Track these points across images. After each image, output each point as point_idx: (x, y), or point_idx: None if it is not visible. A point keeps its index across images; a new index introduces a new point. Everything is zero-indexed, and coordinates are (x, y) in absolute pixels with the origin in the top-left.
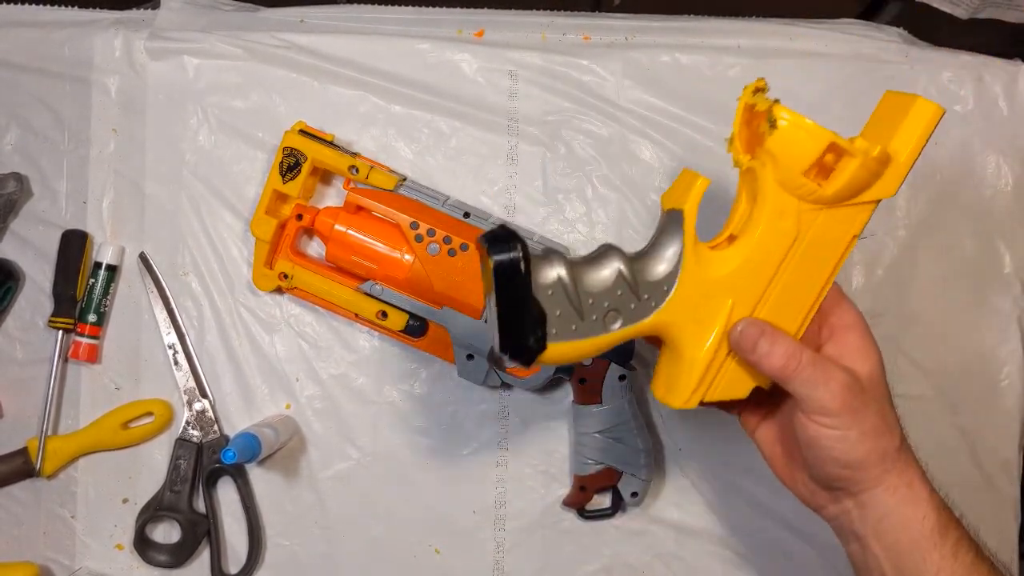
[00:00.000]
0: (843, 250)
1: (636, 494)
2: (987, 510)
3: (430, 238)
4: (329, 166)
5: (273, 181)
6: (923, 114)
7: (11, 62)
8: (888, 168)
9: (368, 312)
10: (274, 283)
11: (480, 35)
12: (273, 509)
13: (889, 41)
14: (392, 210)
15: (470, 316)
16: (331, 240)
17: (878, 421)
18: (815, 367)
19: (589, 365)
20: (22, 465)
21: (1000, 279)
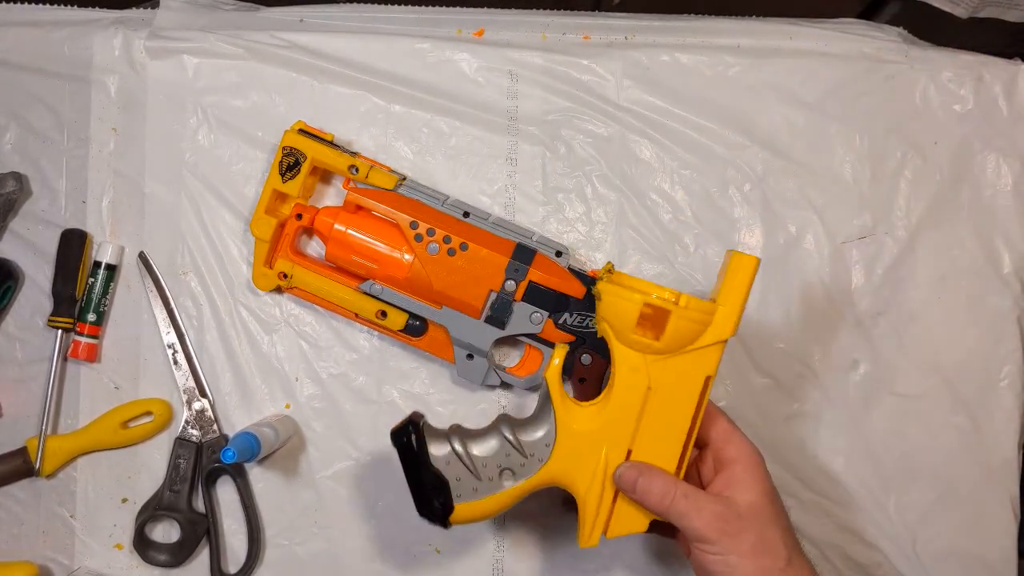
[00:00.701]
0: (700, 390)
1: None
2: (986, 510)
3: (429, 237)
4: (328, 166)
5: (272, 180)
6: (743, 265)
7: (11, 62)
8: (720, 312)
9: (368, 312)
10: (274, 283)
11: (480, 35)
12: (273, 509)
13: (889, 41)
14: (392, 209)
15: (470, 316)
16: (331, 240)
17: (757, 544)
18: (687, 500)
19: (589, 364)
20: (21, 464)
21: (1000, 279)
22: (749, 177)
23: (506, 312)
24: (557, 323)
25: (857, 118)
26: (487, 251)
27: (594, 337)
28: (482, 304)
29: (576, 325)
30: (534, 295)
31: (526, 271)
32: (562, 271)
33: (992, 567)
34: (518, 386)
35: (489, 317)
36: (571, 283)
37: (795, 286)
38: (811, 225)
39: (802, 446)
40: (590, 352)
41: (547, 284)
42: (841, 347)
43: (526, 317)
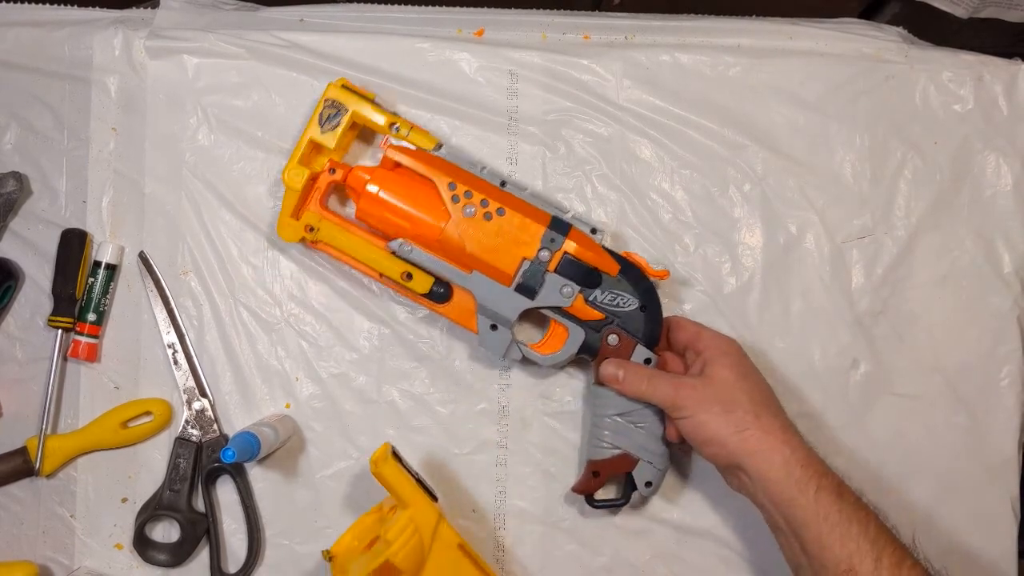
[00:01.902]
0: (463, 556)
1: (650, 483)
2: (987, 509)
3: (467, 199)
4: (369, 122)
5: (311, 130)
6: (384, 468)
7: (11, 62)
8: (413, 510)
9: (393, 272)
10: (299, 234)
11: (480, 34)
12: (273, 508)
13: (889, 41)
14: (431, 168)
15: (500, 283)
16: (364, 196)
17: (724, 402)
18: (660, 378)
19: (615, 345)
20: (21, 464)
21: (1000, 279)
22: (749, 177)
23: (537, 282)
24: (587, 299)
25: (857, 118)
26: (524, 218)
27: (624, 316)
28: (514, 271)
29: (606, 303)
30: (567, 267)
31: (562, 242)
32: (597, 247)
33: (992, 567)
34: (540, 363)
35: (520, 286)
36: (605, 259)
37: (795, 286)
38: (811, 225)
39: None
40: (617, 331)
41: (581, 257)
42: (841, 347)
43: (557, 289)
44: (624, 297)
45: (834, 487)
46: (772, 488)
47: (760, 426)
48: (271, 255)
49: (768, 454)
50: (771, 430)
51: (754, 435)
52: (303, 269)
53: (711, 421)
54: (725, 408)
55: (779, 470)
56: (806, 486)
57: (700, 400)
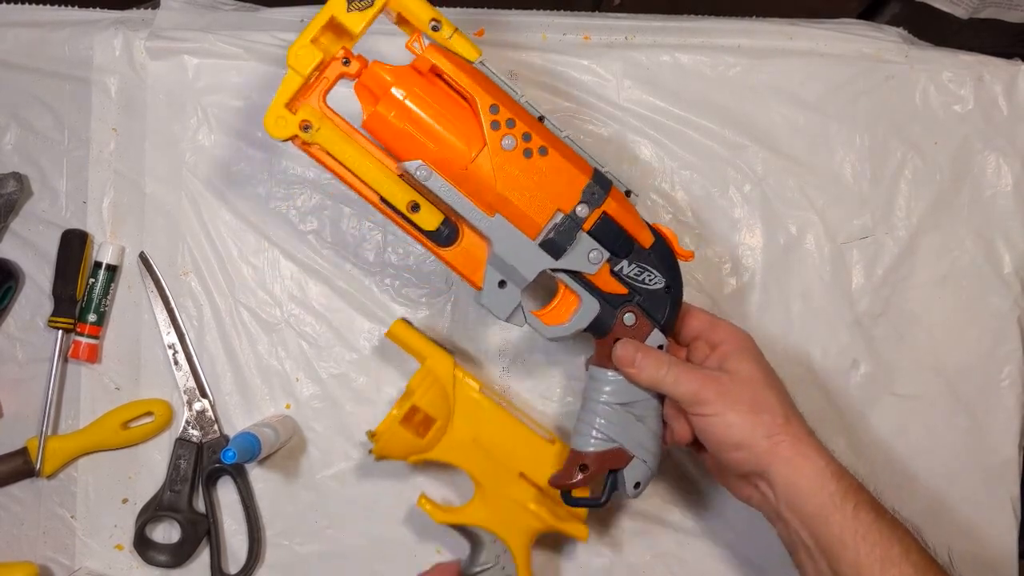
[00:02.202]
0: (490, 399)
1: (639, 484)
2: (987, 510)
3: (508, 129)
4: (408, 10)
5: (335, 6)
6: (400, 332)
7: (11, 62)
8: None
9: (399, 199)
10: (291, 131)
11: (480, 34)
12: (273, 509)
13: (889, 41)
14: (474, 84)
15: (525, 234)
16: (384, 100)
17: (753, 403)
18: (681, 367)
19: (631, 326)
20: (22, 465)
21: (1000, 279)
22: (749, 177)
23: (568, 240)
24: (613, 269)
25: (857, 118)
26: (568, 163)
27: (648, 294)
28: (545, 222)
29: (632, 277)
30: (603, 230)
31: (603, 198)
32: (635, 212)
33: (993, 568)
34: (544, 334)
35: (547, 241)
36: (641, 228)
37: (795, 286)
38: (811, 225)
39: None
40: (635, 311)
41: (620, 221)
42: (841, 347)
43: (585, 253)
44: (651, 274)
45: (872, 503)
46: (802, 501)
47: (791, 432)
48: (271, 255)
49: (800, 462)
50: (801, 436)
51: (785, 441)
52: (303, 269)
53: (741, 422)
54: (753, 409)
55: (812, 481)
56: (843, 500)
57: (728, 396)
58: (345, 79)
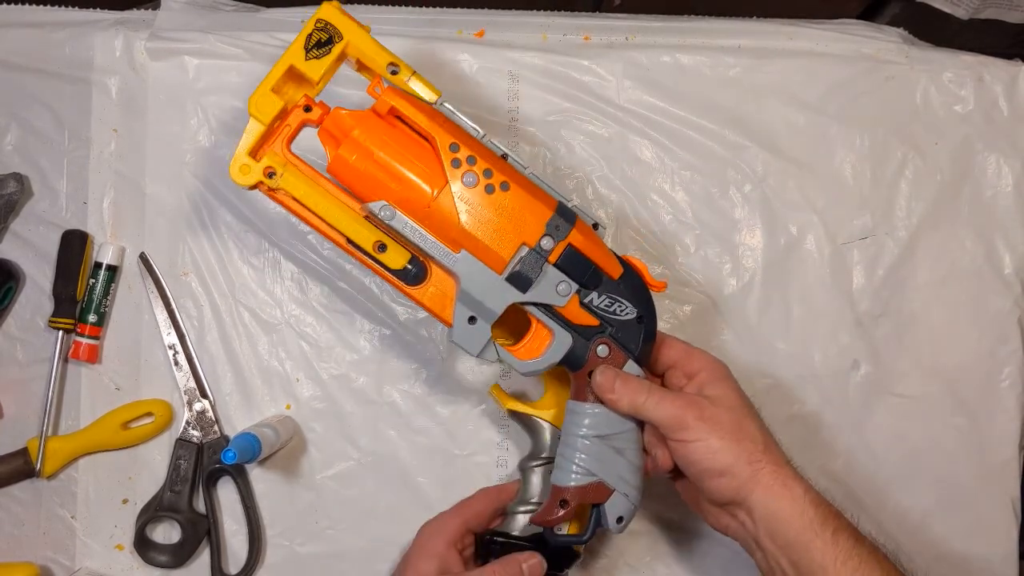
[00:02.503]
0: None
1: (622, 519)
2: (987, 510)
3: (469, 166)
4: (366, 56)
5: (293, 55)
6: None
7: (11, 62)
8: None
9: (365, 240)
10: (256, 178)
11: (480, 35)
12: (273, 509)
13: (889, 41)
14: (433, 123)
15: (491, 268)
16: (345, 143)
17: (734, 428)
18: (661, 393)
19: (605, 357)
20: (22, 465)
21: (1000, 279)
22: (749, 178)
23: (534, 273)
24: (582, 301)
25: (857, 119)
26: (530, 198)
27: (620, 325)
28: (510, 257)
29: (602, 308)
30: (570, 261)
31: (568, 231)
32: (602, 243)
33: (993, 568)
34: (518, 369)
35: (513, 274)
36: (609, 259)
37: (796, 287)
38: (812, 226)
39: (802, 447)
40: (608, 342)
41: (586, 252)
42: (841, 348)
43: (552, 286)
44: (622, 304)
45: (851, 529)
46: (782, 528)
47: (771, 459)
48: (272, 256)
49: (780, 490)
50: (781, 464)
51: (766, 468)
52: (304, 270)
53: (724, 448)
54: (735, 435)
55: (792, 507)
56: (822, 527)
57: (710, 421)
58: (309, 125)
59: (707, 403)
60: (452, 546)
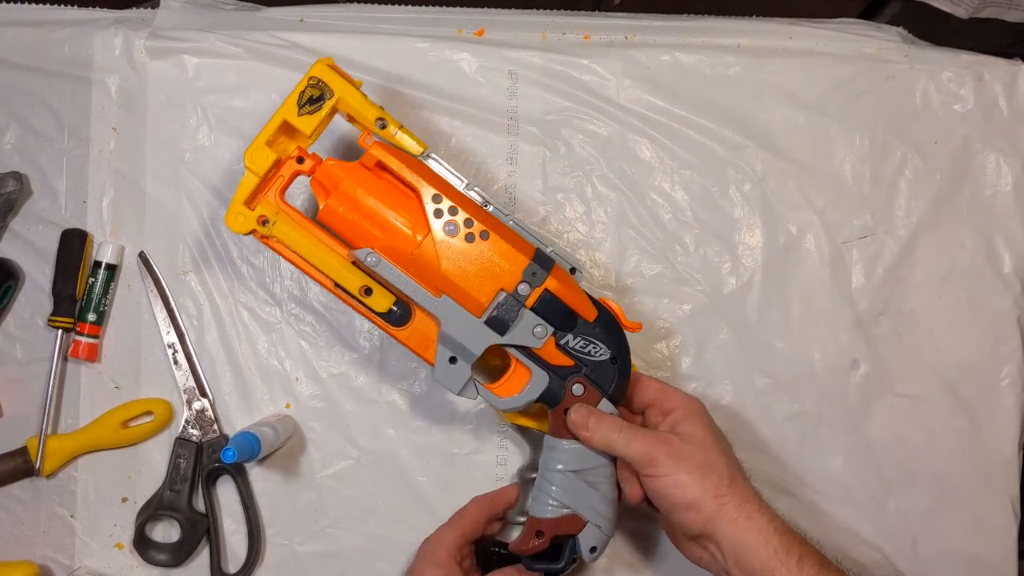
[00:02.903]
0: None
1: (595, 549)
2: (987, 510)
3: (451, 216)
4: (356, 112)
5: (286, 110)
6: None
7: (11, 62)
8: None
9: (352, 284)
10: (250, 226)
11: (480, 34)
12: (273, 508)
13: (889, 41)
14: (417, 175)
15: (470, 312)
16: (335, 194)
17: (702, 464)
18: (632, 430)
19: (580, 395)
20: (22, 464)
21: (1000, 278)
22: (749, 177)
23: (512, 317)
24: (558, 342)
25: (857, 118)
26: (508, 246)
27: (594, 365)
28: (488, 302)
29: (577, 349)
30: (545, 306)
31: (544, 277)
32: (577, 288)
33: (992, 568)
34: (496, 406)
35: (492, 319)
36: (584, 303)
37: (795, 286)
38: (811, 225)
39: (802, 446)
40: (583, 381)
41: (561, 297)
42: (841, 347)
43: (529, 328)
44: (597, 346)
45: (815, 556)
46: (749, 558)
47: (736, 492)
48: (271, 255)
49: (745, 522)
50: (747, 496)
51: (731, 501)
52: None
53: (691, 484)
54: (702, 470)
55: (757, 538)
56: (787, 555)
57: (678, 458)
58: (301, 175)
59: (677, 440)
60: (452, 557)
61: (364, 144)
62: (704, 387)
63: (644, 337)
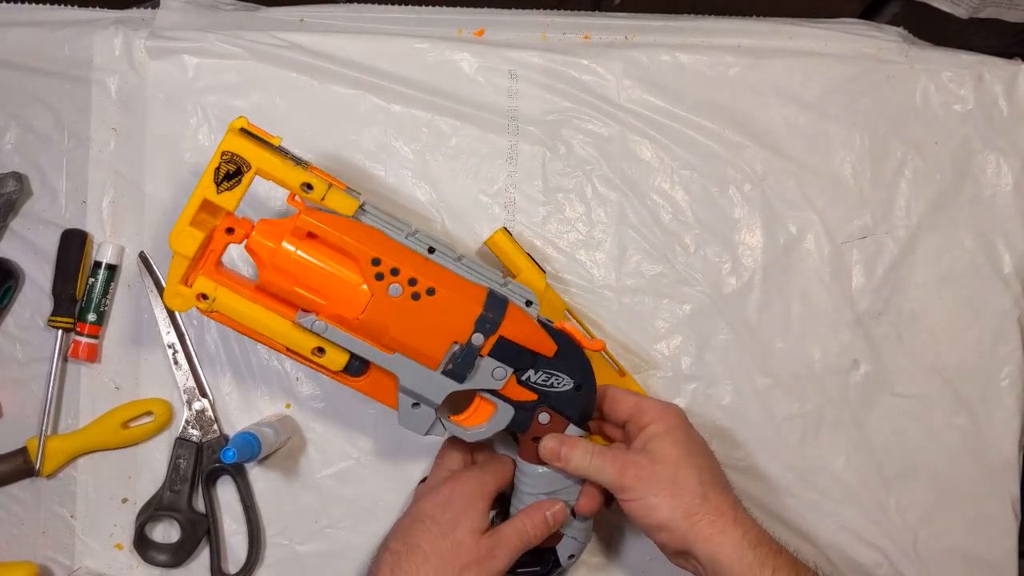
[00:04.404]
0: None
1: (573, 556)
2: (987, 510)
3: (393, 278)
4: (277, 179)
5: (204, 188)
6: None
7: (11, 62)
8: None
9: (303, 347)
10: (190, 304)
11: (480, 34)
12: (273, 509)
13: (889, 41)
14: (351, 241)
15: (426, 366)
16: (269, 266)
17: (672, 485)
18: (603, 456)
19: (547, 423)
20: (22, 464)
21: (1000, 278)
22: (749, 177)
23: (469, 367)
24: (520, 379)
25: (857, 118)
26: (458, 299)
27: (557, 396)
28: (442, 355)
29: (540, 383)
30: (502, 350)
31: (498, 324)
32: (534, 325)
33: (992, 567)
34: (464, 438)
35: (448, 371)
36: (542, 339)
37: (795, 286)
38: (811, 225)
39: (802, 446)
40: (549, 411)
41: (518, 340)
42: (841, 347)
43: (488, 372)
44: (559, 377)
45: (790, 565)
46: (725, 572)
47: (709, 509)
48: None
49: (719, 538)
50: (721, 511)
51: (704, 519)
52: None
53: (661, 505)
54: (673, 492)
55: (731, 553)
56: (761, 568)
57: (648, 481)
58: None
59: (645, 461)
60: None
61: (294, 203)
62: (704, 387)
63: (644, 337)
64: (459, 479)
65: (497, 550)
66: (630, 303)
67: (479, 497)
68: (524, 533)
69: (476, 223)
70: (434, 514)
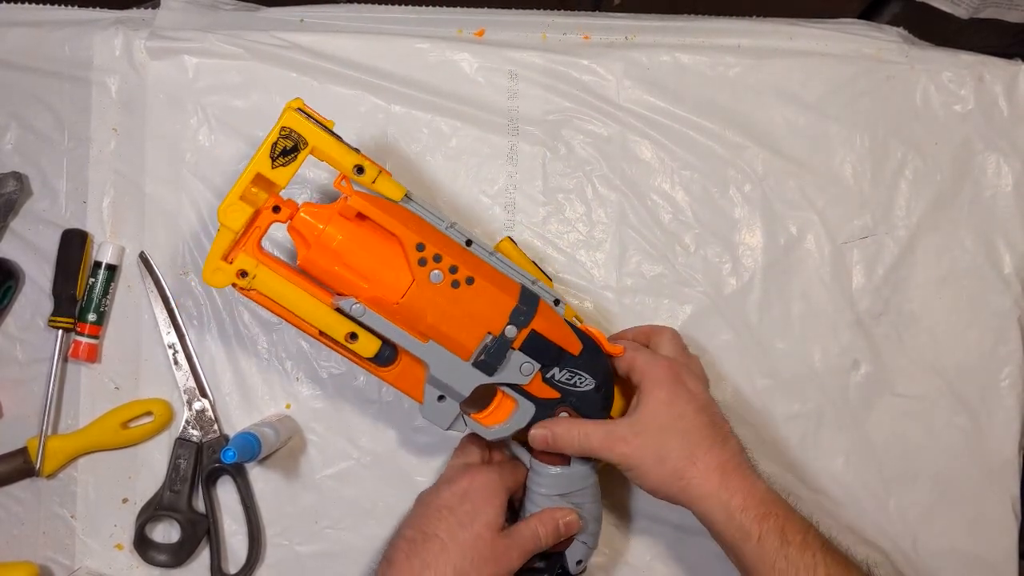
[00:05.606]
0: None
1: (581, 561)
2: (987, 510)
3: (435, 264)
4: (332, 160)
5: (259, 163)
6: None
7: (11, 62)
8: None
9: (337, 331)
10: (229, 279)
11: (480, 35)
12: (273, 509)
13: (889, 41)
14: (400, 225)
15: (458, 356)
16: (314, 246)
17: (656, 452)
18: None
19: None
20: (22, 465)
21: (1000, 279)
22: (749, 177)
23: (500, 359)
24: (545, 376)
25: (857, 118)
26: (494, 290)
27: (579, 396)
28: (476, 346)
29: (563, 381)
30: (533, 345)
31: (531, 318)
32: (563, 324)
33: (992, 567)
34: (484, 436)
35: (479, 361)
36: (570, 337)
37: (795, 286)
38: (812, 225)
39: (802, 446)
40: (569, 410)
41: (549, 335)
42: (841, 347)
43: (517, 367)
44: (582, 376)
45: (777, 530)
46: (717, 534)
47: (697, 471)
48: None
49: (708, 501)
50: (708, 473)
51: (692, 482)
52: None
53: (651, 472)
54: (658, 459)
55: (720, 516)
56: (748, 533)
57: (635, 451)
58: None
59: (630, 431)
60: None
61: (340, 187)
62: None
63: None
64: (478, 472)
65: (512, 550)
66: (630, 303)
67: (497, 492)
68: (537, 537)
69: (476, 224)
70: (452, 504)
